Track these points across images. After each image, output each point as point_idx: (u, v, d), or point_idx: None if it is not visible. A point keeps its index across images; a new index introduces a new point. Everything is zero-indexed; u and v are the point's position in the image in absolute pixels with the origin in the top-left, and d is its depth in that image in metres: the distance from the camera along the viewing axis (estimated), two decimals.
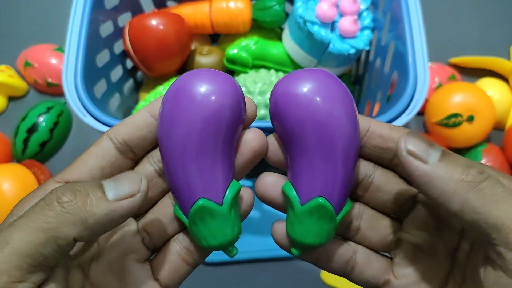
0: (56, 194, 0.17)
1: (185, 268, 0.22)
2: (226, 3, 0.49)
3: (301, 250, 0.21)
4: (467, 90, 0.53)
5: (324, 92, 0.19)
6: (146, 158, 0.21)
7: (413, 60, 0.38)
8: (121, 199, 0.17)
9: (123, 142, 0.20)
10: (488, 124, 0.52)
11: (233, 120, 0.19)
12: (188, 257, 0.22)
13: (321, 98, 0.19)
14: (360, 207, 0.22)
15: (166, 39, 0.45)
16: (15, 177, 0.48)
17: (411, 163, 0.18)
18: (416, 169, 0.18)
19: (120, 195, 0.17)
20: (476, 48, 0.62)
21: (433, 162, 0.17)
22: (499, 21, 0.65)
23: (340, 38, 0.45)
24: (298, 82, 0.19)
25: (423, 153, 0.18)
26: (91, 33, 0.40)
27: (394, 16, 0.42)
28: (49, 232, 0.16)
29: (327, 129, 0.19)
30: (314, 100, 0.19)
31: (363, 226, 0.22)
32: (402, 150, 0.18)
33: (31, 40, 0.62)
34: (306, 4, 0.45)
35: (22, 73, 0.59)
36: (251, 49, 0.47)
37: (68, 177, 0.20)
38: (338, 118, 0.19)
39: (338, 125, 0.19)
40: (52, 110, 0.55)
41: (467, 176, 0.17)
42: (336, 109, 0.19)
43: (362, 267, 0.22)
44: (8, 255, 0.15)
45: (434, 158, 0.18)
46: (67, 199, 0.16)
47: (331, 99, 0.19)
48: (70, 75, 0.38)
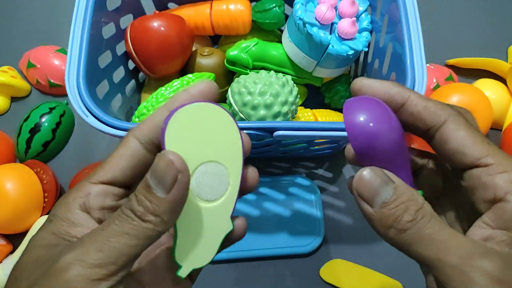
0: (131, 209, 0.19)
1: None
2: (226, 5, 0.50)
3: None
4: (464, 90, 0.53)
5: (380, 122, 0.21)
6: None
7: (411, 61, 0.38)
8: (171, 190, 0.19)
9: (149, 141, 0.22)
10: (485, 125, 0.53)
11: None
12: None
13: (378, 127, 0.21)
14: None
15: (167, 41, 0.46)
16: (18, 177, 0.48)
17: (360, 203, 0.21)
18: (362, 209, 0.21)
19: (168, 187, 0.19)
20: (473, 49, 0.63)
21: (377, 206, 0.20)
22: (496, 22, 0.65)
23: (339, 39, 0.45)
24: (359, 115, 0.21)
25: (370, 195, 0.20)
26: (93, 35, 0.41)
27: (392, 18, 0.42)
28: (140, 236, 0.19)
29: (384, 146, 0.21)
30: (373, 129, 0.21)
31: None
32: (353, 188, 0.21)
33: (33, 41, 0.62)
34: (305, 6, 0.45)
35: (25, 74, 0.60)
36: (251, 50, 0.48)
37: (103, 178, 0.21)
38: (390, 137, 0.21)
39: (391, 142, 0.21)
40: (54, 110, 0.55)
41: (398, 224, 0.20)
42: (388, 132, 0.21)
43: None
44: (107, 253, 0.18)
45: (379, 202, 0.20)
46: (140, 212, 0.19)
47: (384, 126, 0.21)
48: (73, 76, 0.38)
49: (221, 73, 0.50)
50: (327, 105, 0.55)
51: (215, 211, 0.22)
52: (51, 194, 0.50)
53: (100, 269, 0.18)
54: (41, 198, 0.49)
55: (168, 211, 0.19)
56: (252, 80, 0.41)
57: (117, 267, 0.19)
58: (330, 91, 0.54)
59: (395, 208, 0.20)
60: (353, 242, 0.51)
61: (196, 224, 0.22)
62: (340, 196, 0.54)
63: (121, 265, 0.19)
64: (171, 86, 0.45)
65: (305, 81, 0.50)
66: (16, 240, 0.49)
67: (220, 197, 0.23)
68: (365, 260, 0.50)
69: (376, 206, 0.20)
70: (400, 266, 0.49)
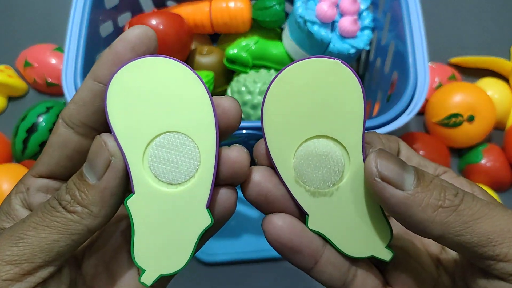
0: (58, 198, 0.17)
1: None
2: (226, 3, 0.49)
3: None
4: (467, 90, 0.52)
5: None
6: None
7: (413, 60, 0.38)
8: (103, 175, 0.17)
9: (81, 124, 0.18)
10: (488, 124, 0.52)
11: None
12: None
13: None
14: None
15: (166, 39, 0.45)
16: (15, 177, 0.48)
17: (385, 190, 0.17)
18: (391, 197, 0.17)
19: (99, 173, 0.17)
20: (476, 48, 0.62)
21: (409, 188, 0.17)
22: (499, 21, 0.65)
23: (340, 38, 0.44)
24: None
25: (397, 178, 0.17)
26: (91, 33, 0.40)
27: (394, 16, 0.41)
28: (62, 230, 0.16)
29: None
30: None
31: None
32: (373, 175, 0.17)
33: (30, 39, 0.61)
34: (306, 4, 0.45)
35: (22, 73, 0.59)
36: (251, 49, 0.47)
37: (41, 171, 0.19)
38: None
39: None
40: (51, 110, 0.54)
41: (444, 202, 0.16)
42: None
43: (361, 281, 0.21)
44: (22, 249, 0.16)
45: (410, 183, 0.17)
46: (65, 201, 0.17)
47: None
48: (70, 75, 0.38)
49: (221, 72, 0.50)
50: None
51: (183, 197, 0.18)
52: None
53: (12, 267, 0.15)
54: None
55: (98, 202, 0.16)
56: (252, 79, 0.41)
57: (34, 265, 0.16)
58: None
59: (432, 184, 0.17)
60: None
61: (160, 215, 0.18)
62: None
63: (40, 263, 0.16)
64: None
65: None
66: None
67: (188, 179, 0.18)
68: None
69: (408, 187, 0.17)
70: None
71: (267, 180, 0.19)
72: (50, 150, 0.19)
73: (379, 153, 0.17)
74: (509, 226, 0.16)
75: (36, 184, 0.19)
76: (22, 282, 0.16)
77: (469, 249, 0.16)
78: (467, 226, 0.16)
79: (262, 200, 0.19)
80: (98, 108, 0.18)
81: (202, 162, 0.18)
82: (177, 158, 0.18)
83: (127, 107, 0.17)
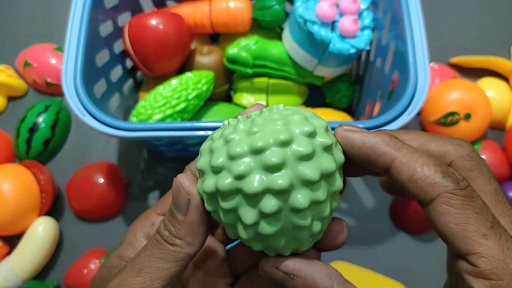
0: (159, 233, 0.21)
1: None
2: (226, 3, 0.49)
3: None
4: (462, 87, 0.52)
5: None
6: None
7: (414, 60, 0.38)
8: (187, 211, 0.20)
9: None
10: (485, 121, 0.52)
11: None
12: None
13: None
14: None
15: (165, 39, 0.45)
16: (15, 178, 0.48)
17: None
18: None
19: (183, 210, 0.20)
20: (476, 48, 0.62)
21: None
22: (499, 21, 0.65)
23: (340, 37, 0.44)
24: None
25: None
26: (91, 33, 0.40)
27: (394, 16, 0.41)
28: (169, 259, 0.20)
29: None
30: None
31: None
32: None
33: (30, 39, 0.61)
34: (306, 3, 0.45)
35: (22, 73, 0.59)
36: (251, 48, 0.47)
37: (165, 210, 0.24)
38: None
39: None
40: (50, 108, 0.54)
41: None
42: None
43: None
44: (143, 278, 0.20)
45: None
46: (166, 236, 0.20)
47: None
48: (70, 74, 0.38)
49: (221, 72, 0.49)
50: (328, 104, 0.55)
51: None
52: (48, 194, 0.49)
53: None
54: (38, 199, 0.49)
55: (190, 233, 0.20)
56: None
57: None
58: (331, 90, 0.53)
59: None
60: (355, 244, 0.51)
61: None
62: (341, 197, 0.54)
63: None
64: (170, 85, 0.44)
65: (305, 80, 0.50)
66: (13, 241, 0.49)
67: None
68: (366, 262, 0.49)
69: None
70: (403, 268, 0.49)
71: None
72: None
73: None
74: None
75: (159, 220, 0.23)
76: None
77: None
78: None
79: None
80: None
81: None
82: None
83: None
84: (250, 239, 0.18)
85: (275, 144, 0.17)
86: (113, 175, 0.51)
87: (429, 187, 0.17)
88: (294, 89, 0.50)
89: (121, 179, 0.52)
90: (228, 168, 0.17)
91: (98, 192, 0.50)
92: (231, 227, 0.19)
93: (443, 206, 0.17)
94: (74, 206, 0.51)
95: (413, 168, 0.17)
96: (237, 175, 0.17)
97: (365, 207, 0.52)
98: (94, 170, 0.51)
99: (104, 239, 0.50)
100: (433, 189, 0.17)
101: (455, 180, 0.17)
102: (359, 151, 0.19)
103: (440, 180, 0.17)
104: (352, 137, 0.19)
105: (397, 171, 0.18)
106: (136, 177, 0.54)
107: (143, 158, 0.56)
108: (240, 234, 0.18)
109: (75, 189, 0.50)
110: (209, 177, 0.18)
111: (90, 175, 0.50)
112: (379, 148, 0.18)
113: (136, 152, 0.56)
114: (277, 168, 0.17)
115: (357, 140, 0.19)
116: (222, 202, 0.18)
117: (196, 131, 0.36)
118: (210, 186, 0.18)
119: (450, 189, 0.17)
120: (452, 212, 0.17)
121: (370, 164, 0.19)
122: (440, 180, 0.17)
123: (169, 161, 0.55)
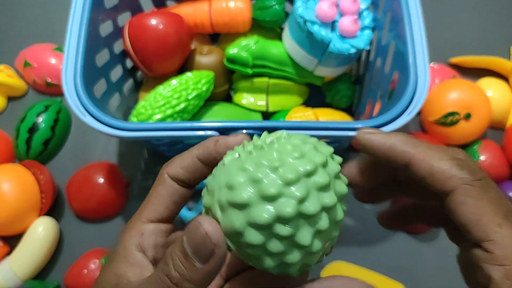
0: (166, 273, 0.19)
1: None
2: (226, 3, 0.49)
3: None
4: (462, 87, 0.52)
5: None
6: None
7: (414, 60, 0.38)
8: (207, 261, 0.18)
9: (181, 179, 0.22)
10: (484, 121, 0.52)
11: None
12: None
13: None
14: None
15: (165, 39, 0.45)
16: (15, 178, 0.48)
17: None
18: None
19: (204, 259, 0.18)
20: (476, 48, 0.62)
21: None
22: (499, 21, 0.65)
23: (340, 37, 0.44)
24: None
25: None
26: (91, 33, 0.40)
27: (394, 16, 0.41)
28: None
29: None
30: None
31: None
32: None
33: (30, 39, 0.61)
34: (306, 3, 0.45)
35: (21, 73, 0.59)
36: (251, 48, 0.47)
37: (152, 217, 0.22)
38: None
39: None
40: (50, 108, 0.54)
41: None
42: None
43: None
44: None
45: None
46: (175, 279, 0.19)
47: None
48: (70, 75, 0.38)
49: (221, 72, 0.49)
50: (328, 104, 0.55)
51: None
52: (48, 194, 0.49)
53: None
54: (38, 199, 0.49)
55: (205, 282, 0.19)
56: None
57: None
58: (331, 90, 0.53)
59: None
60: (355, 244, 0.51)
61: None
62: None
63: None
64: (170, 84, 0.44)
65: (305, 80, 0.50)
66: (13, 241, 0.49)
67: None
68: (367, 262, 0.49)
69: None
70: (403, 268, 0.49)
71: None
72: (159, 199, 0.22)
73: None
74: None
75: (148, 229, 0.22)
76: None
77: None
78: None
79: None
80: (200, 175, 0.22)
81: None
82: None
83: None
84: (276, 266, 0.19)
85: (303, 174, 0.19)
86: (113, 175, 0.51)
87: (447, 179, 0.18)
88: (294, 89, 0.50)
89: (121, 179, 0.52)
90: (287, 195, 0.18)
91: (98, 192, 0.50)
92: (254, 258, 0.19)
93: (460, 197, 0.18)
94: (74, 206, 0.51)
95: (430, 164, 0.19)
96: (299, 199, 0.18)
97: (365, 207, 0.52)
98: (94, 170, 0.51)
99: (104, 239, 0.50)
100: (451, 182, 0.18)
101: (471, 171, 0.18)
102: (379, 151, 0.21)
103: (457, 172, 0.18)
104: (372, 138, 0.21)
105: (416, 168, 0.19)
106: (136, 177, 0.54)
107: (143, 158, 0.56)
108: (266, 264, 0.19)
109: (75, 189, 0.50)
110: (244, 212, 0.18)
111: (90, 175, 0.50)
112: (397, 147, 0.20)
113: (136, 152, 0.56)
114: (325, 188, 0.19)
115: (376, 142, 0.21)
116: (281, 228, 0.18)
117: (196, 131, 0.36)
118: (263, 218, 0.18)
119: (466, 181, 0.18)
120: (469, 202, 0.18)
121: (390, 162, 0.20)
122: (457, 173, 0.18)
123: None
